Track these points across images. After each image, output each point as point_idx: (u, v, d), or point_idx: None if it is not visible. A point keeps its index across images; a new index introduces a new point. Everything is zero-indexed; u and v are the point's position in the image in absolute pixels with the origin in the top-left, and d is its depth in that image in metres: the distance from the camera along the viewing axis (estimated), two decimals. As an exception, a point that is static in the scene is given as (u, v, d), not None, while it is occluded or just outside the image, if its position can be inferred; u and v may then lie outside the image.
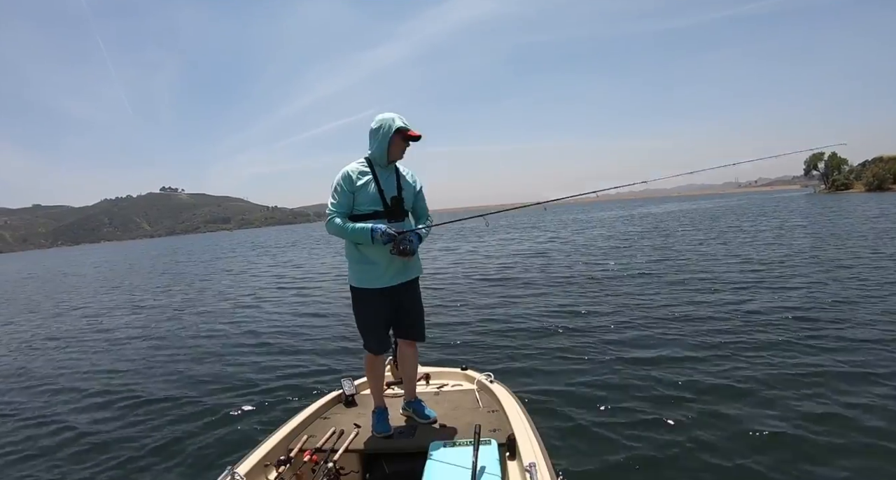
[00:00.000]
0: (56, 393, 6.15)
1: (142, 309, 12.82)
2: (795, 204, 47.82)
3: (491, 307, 8.99)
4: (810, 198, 64.35)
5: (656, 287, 9.52)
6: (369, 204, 2.82)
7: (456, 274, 13.78)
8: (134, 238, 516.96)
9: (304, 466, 2.64)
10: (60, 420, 5.16)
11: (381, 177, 2.88)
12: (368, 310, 2.96)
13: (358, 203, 2.83)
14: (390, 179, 2.92)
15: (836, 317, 6.52)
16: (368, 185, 2.83)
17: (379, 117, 2.89)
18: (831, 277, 9.31)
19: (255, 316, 10.18)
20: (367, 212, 2.82)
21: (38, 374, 7.09)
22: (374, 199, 2.83)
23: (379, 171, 2.89)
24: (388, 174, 2.93)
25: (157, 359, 7.34)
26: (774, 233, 19.15)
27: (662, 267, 12.12)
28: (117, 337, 9.40)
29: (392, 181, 2.93)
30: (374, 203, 2.83)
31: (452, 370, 3.88)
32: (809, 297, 7.80)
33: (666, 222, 31.22)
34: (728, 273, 10.60)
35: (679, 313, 7.31)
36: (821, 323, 6.32)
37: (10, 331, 11.26)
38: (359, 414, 3.22)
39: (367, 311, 2.96)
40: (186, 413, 5.01)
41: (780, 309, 7.12)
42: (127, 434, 4.63)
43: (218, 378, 6.08)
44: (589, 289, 9.80)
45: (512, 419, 2.84)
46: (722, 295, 8.37)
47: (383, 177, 2.89)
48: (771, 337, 5.86)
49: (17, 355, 8.60)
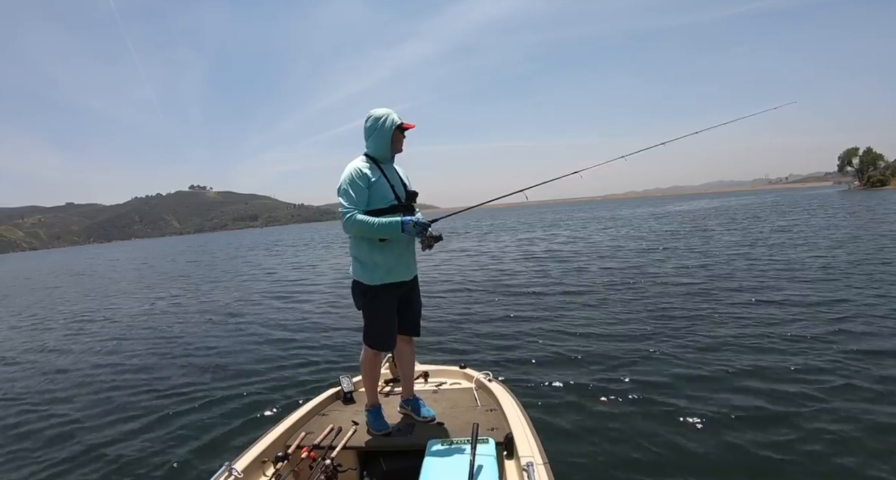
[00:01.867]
0: (53, 390, 6.25)
1: (147, 306, 13.05)
2: (834, 201, 45.79)
3: (491, 306, 8.94)
4: (846, 195, 62.48)
5: (673, 290, 9.20)
6: (383, 199, 2.80)
7: (458, 273, 13.76)
8: (163, 235, 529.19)
9: (302, 462, 2.64)
10: (57, 415, 5.24)
11: (388, 173, 2.89)
12: (384, 307, 2.92)
13: (373, 199, 2.79)
14: (394, 174, 2.94)
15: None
16: (381, 180, 2.83)
17: (375, 114, 2.87)
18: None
19: (254, 313, 10.29)
20: (383, 206, 2.79)
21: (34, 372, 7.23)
22: (388, 194, 2.82)
23: (384, 167, 2.90)
24: (391, 170, 2.94)
25: (154, 355, 7.42)
26: (828, 233, 17.21)
27: (682, 269, 11.81)
28: (119, 332, 9.60)
29: (395, 176, 2.94)
30: (387, 198, 2.81)
31: (451, 368, 3.85)
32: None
33: (701, 220, 29.90)
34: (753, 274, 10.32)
35: (691, 315, 7.11)
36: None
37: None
38: (357, 411, 3.21)
39: (383, 308, 2.92)
40: (183, 409, 5.02)
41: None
42: (123, 430, 4.65)
43: (216, 374, 6.10)
44: (594, 290, 9.63)
45: (510, 418, 2.81)
46: (717, 284, 8.17)
47: (389, 173, 2.90)
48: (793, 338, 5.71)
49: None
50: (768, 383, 4.50)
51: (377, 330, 2.97)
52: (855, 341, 5.43)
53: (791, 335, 5.78)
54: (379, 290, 2.87)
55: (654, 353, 5.49)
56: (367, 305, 2.93)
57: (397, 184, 2.89)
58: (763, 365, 4.94)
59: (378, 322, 2.95)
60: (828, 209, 32.71)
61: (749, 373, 4.75)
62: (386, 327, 2.97)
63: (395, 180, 2.90)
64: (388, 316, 2.94)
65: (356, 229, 2.73)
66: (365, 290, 2.90)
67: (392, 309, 2.93)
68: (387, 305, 2.91)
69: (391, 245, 2.81)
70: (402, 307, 3.00)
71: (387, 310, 2.93)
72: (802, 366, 4.81)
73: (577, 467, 3.44)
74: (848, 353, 5.07)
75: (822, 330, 5.86)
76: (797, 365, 4.86)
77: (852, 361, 4.86)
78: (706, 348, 5.57)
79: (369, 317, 2.95)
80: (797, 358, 5.06)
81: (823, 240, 15.11)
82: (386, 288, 2.87)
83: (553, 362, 5.54)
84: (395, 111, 2.89)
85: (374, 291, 2.87)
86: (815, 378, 4.55)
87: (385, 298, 2.89)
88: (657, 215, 40.22)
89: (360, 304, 2.96)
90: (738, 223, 25.02)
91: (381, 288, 2.86)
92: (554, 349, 5.98)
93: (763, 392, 4.33)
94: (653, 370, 5.03)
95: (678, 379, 4.75)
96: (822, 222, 22.02)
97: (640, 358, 5.38)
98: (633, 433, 3.82)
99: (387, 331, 2.98)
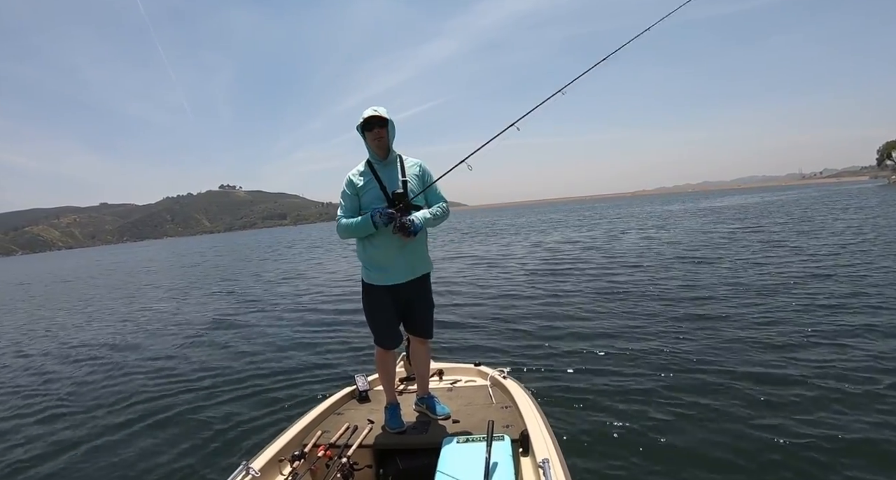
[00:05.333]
0: (70, 385, 6.42)
1: (161, 304, 13.35)
2: (881, 196, 41.00)
3: (506, 303, 8.90)
4: (887, 189, 59.86)
5: (698, 291, 8.79)
6: (374, 202, 2.83)
7: (474, 272, 13.70)
8: (194, 234, 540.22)
9: (319, 461, 2.66)
10: (77, 415, 5.33)
11: (383, 174, 2.88)
12: (379, 306, 2.97)
13: (364, 203, 2.86)
14: (392, 174, 2.91)
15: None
16: (370, 184, 2.85)
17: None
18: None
19: (270, 312, 10.38)
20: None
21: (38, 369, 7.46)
22: (378, 196, 2.84)
23: (379, 169, 2.89)
24: (389, 170, 2.91)
25: (171, 355, 7.50)
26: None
27: (693, 274, 11.30)
28: (141, 329, 9.84)
29: (395, 176, 2.90)
30: (378, 200, 2.83)
31: (466, 366, 3.85)
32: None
33: (752, 217, 26.29)
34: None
35: (716, 317, 6.84)
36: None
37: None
38: (372, 410, 3.23)
39: (378, 307, 2.97)
40: (201, 408, 5.07)
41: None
42: (141, 429, 4.72)
43: (233, 373, 6.15)
44: (612, 289, 9.44)
45: (525, 415, 2.80)
46: (732, 286, 7.87)
47: (384, 174, 2.89)
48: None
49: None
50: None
51: (374, 328, 3.05)
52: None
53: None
54: (372, 289, 2.94)
55: (679, 356, 5.33)
56: (363, 303, 3.04)
57: (392, 184, 2.87)
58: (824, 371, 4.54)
59: (372, 319, 3.04)
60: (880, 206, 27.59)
61: (780, 380, 4.46)
62: (382, 325, 3.02)
63: (390, 181, 2.87)
64: (383, 315, 2.98)
65: (342, 233, 2.89)
66: (363, 288, 3.02)
67: (387, 307, 2.95)
68: (381, 304, 2.95)
69: (380, 246, 2.84)
70: (406, 308, 3.01)
71: (381, 309, 2.96)
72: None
73: (593, 464, 3.41)
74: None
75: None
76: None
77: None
78: (744, 351, 5.32)
79: (366, 315, 3.06)
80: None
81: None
82: (378, 288, 2.92)
83: (569, 360, 5.48)
84: (368, 109, 2.80)
85: (368, 289, 2.97)
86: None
87: (379, 297, 2.94)
88: (694, 212, 39.06)
89: (362, 301, 3.06)
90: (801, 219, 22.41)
91: (374, 287, 2.93)
92: (570, 347, 5.92)
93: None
94: (677, 372, 4.89)
95: (704, 383, 4.58)
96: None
97: (664, 361, 5.23)
98: (650, 433, 3.76)
99: (384, 329, 3.03)
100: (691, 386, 4.51)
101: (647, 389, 4.52)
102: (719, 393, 4.34)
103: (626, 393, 4.45)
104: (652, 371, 4.95)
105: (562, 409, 4.21)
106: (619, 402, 4.29)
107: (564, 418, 4.05)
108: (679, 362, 5.12)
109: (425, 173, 3.00)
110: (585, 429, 3.89)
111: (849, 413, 3.84)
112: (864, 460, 3.25)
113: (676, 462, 3.37)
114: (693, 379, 4.67)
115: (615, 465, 3.40)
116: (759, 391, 4.33)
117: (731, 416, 3.91)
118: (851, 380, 4.37)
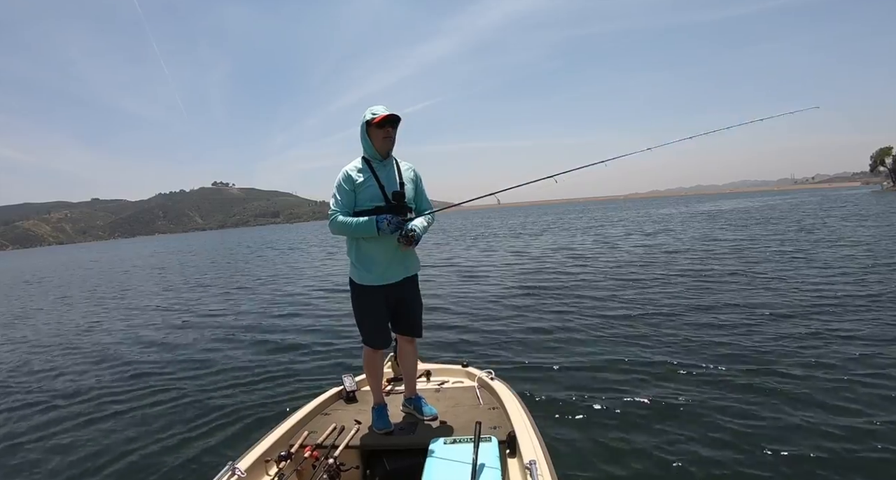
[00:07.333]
0: (53, 382, 6.40)
1: (151, 303, 13.22)
2: (876, 202, 41.69)
3: (493, 304, 8.92)
4: (879, 195, 60.31)
5: (686, 289, 9.05)
6: (371, 200, 2.81)
7: (459, 272, 13.71)
8: (186, 230, 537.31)
9: (305, 462, 2.64)
10: (62, 413, 5.27)
11: (381, 173, 2.86)
12: (369, 306, 2.96)
13: (360, 200, 2.82)
14: (390, 174, 2.90)
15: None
16: (369, 182, 2.82)
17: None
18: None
19: (256, 312, 10.33)
20: (369, 207, 2.81)
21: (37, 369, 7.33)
22: (376, 195, 2.82)
23: (377, 167, 2.87)
24: (387, 169, 2.90)
25: (156, 355, 7.44)
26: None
27: (693, 267, 11.59)
28: (127, 327, 9.78)
29: (392, 175, 2.90)
30: (376, 198, 2.82)
31: (453, 367, 3.85)
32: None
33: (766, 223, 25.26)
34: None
35: (697, 316, 6.98)
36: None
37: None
38: (359, 410, 3.22)
39: (368, 307, 2.96)
40: (186, 408, 5.04)
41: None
42: (126, 429, 4.67)
43: (218, 373, 6.12)
44: (597, 289, 9.54)
45: (512, 416, 2.79)
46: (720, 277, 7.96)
47: (383, 173, 2.87)
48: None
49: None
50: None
51: (365, 328, 3.02)
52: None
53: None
54: (364, 289, 2.91)
55: (667, 358, 5.37)
56: (354, 303, 3.01)
57: (390, 184, 2.86)
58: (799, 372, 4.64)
59: (365, 319, 3.01)
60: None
61: (765, 386, 4.46)
62: (374, 325, 3.00)
63: (388, 180, 2.87)
64: (374, 314, 2.97)
65: (337, 229, 2.82)
66: (353, 288, 2.98)
67: (378, 307, 2.94)
68: (373, 303, 2.94)
69: (376, 246, 2.83)
70: (397, 308, 3.01)
71: (373, 308, 2.95)
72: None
73: (579, 465, 3.42)
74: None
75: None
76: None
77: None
78: (723, 348, 5.47)
79: (357, 315, 3.03)
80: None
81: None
82: (371, 288, 2.90)
83: (556, 361, 5.50)
84: (375, 107, 2.81)
85: (360, 290, 2.93)
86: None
87: (371, 297, 2.92)
88: (690, 214, 39.35)
89: (351, 302, 3.03)
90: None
91: (366, 287, 2.90)
92: (557, 348, 5.96)
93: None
94: (665, 374, 4.93)
95: (693, 384, 4.64)
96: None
97: (652, 363, 5.26)
98: (636, 433, 3.79)
99: (375, 329, 3.01)
100: (678, 388, 4.54)
101: (634, 391, 4.54)
102: (706, 395, 4.37)
103: (614, 395, 4.47)
104: (639, 373, 4.97)
105: (549, 411, 4.23)
106: (606, 404, 4.31)
107: (552, 420, 4.06)
108: (667, 364, 5.14)
109: (418, 178, 3.04)
110: (572, 431, 3.90)
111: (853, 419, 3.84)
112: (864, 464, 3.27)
113: (664, 464, 3.38)
114: (680, 381, 4.70)
115: (602, 467, 3.41)
116: (748, 387, 4.42)
117: (718, 418, 3.93)
118: (854, 381, 4.44)
